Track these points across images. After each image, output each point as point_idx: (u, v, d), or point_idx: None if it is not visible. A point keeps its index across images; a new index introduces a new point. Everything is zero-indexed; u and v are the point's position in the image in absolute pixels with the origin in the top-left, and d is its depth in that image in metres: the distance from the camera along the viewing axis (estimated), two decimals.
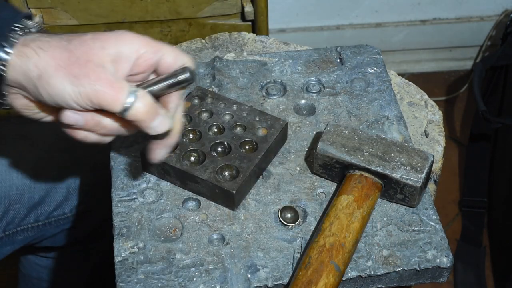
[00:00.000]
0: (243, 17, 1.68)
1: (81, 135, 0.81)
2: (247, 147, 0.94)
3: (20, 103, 0.81)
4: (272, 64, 1.09)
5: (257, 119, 0.97)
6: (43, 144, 0.88)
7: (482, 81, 1.89)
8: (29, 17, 0.82)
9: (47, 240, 1.19)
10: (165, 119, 0.79)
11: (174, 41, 1.72)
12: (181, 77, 0.79)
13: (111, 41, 0.79)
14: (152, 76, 0.83)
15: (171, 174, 0.92)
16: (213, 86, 1.06)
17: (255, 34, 1.17)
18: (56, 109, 0.81)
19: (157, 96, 0.81)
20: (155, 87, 0.80)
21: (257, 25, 1.68)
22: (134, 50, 0.80)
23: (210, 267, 0.86)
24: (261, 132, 0.96)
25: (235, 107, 0.98)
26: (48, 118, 0.84)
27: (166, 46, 0.81)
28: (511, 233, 1.77)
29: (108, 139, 0.83)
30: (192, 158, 0.93)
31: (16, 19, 0.79)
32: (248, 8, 1.66)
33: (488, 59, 1.92)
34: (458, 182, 2.03)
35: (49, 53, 0.78)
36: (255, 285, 0.85)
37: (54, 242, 1.21)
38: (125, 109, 0.77)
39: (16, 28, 0.79)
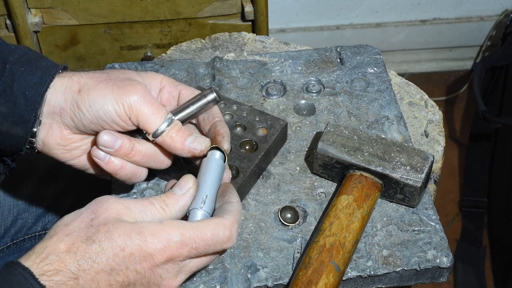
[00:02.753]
0: (243, 17, 1.68)
1: (116, 165, 0.82)
2: (247, 147, 0.94)
3: (54, 135, 0.83)
4: (272, 64, 1.09)
5: (257, 119, 0.97)
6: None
7: (482, 81, 1.89)
8: (66, 68, 0.85)
9: None
10: (196, 140, 0.81)
11: (174, 41, 1.72)
12: (210, 96, 0.84)
13: (142, 75, 0.84)
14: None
15: (171, 174, 0.92)
16: (213, 86, 1.06)
17: (255, 34, 1.17)
18: (88, 149, 0.84)
19: (189, 118, 0.85)
20: (188, 110, 0.84)
21: (257, 25, 1.68)
22: (159, 81, 0.85)
23: (210, 267, 0.85)
24: (261, 132, 0.96)
25: (235, 107, 0.98)
26: (80, 159, 0.86)
27: (184, 84, 0.88)
28: (511, 233, 1.77)
29: (143, 174, 0.85)
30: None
31: (58, 67, 0.82)
32: (248, 8, 1.66)
33: (488, 59, 1.92)
34: (458, 182, 2.03)
35: (89, 74, 0.81)
36: (255, 285, 0.85)
37: None
38: (158, 132, 0.80)
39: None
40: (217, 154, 0.80)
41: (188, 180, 0.76)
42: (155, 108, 0.80)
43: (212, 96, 0.84)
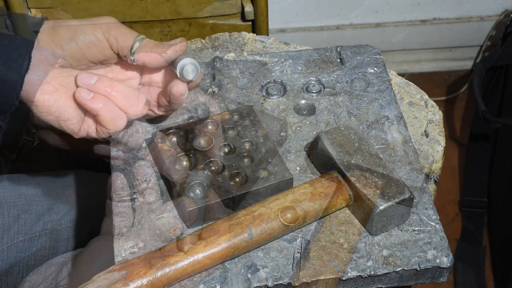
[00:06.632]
0: (243, 17, 1.68)
1: (99, 102, 0.84)
2: (247, 147, 0.94)
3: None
4: (272, 64, 1.09)
5: (257, 119, 0.97)
6: (52, 154, 0.91)
7: (482, 81, 1.89)
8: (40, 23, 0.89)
9: (53, 247, 1.19)
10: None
11: None
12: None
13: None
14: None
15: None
16: (213, 86, 1.06)
17: (255, 34, 1.17)
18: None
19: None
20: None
21: (257, 25, 1.68)
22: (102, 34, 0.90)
23: (210, 267, 0.85)
24: (261, 132, 0.96)
25: (235, 107, 0.98)
26: (80, 132, 0.88)
27: (123, 28, 0.92)
28: (511, 233, 1.77)
29: (124, 118, 0.86)
30: (187, 162, 0.93)
31: (29, 47, 0.83)
32: (248, 8, 1.66)
33: (488, 59, 1.92)
34: (458, 182, 2.03)
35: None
36: (255, 285, 0.85)
37: (60, 249, 1.20)
38: (134, 49, 0.87)
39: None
40: None
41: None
42: (127, 28, 0.88)
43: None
